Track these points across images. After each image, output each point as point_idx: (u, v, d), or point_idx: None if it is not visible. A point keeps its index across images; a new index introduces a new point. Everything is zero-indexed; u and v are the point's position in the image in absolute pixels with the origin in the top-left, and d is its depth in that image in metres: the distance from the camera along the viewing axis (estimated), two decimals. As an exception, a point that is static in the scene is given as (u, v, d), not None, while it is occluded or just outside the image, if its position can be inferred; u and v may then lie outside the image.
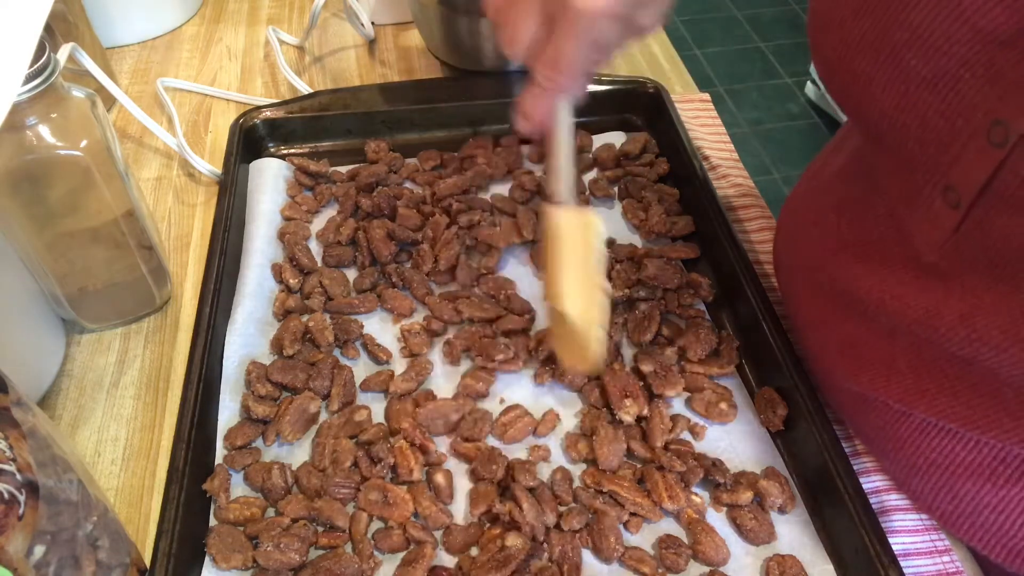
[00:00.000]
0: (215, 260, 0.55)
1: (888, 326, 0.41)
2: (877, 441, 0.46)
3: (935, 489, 0.43)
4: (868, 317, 0.42)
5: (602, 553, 0.43)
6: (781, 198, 2.11)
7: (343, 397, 0.49)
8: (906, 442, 0.43)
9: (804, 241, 0.50)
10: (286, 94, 0.76)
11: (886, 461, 0.46)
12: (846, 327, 0.45)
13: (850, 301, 0.44)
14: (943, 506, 0.43)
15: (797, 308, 0.50)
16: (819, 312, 0.47)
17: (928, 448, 0.42)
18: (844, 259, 0.44)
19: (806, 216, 0.50)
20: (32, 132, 0.45)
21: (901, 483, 0.45)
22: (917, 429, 0.42)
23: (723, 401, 0.49)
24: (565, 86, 0.42)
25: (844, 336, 0.45)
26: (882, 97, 0.36)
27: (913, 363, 0.40)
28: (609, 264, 0.57)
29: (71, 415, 0.51)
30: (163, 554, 0.40)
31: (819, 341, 0.48)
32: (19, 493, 0.29)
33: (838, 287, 0.45)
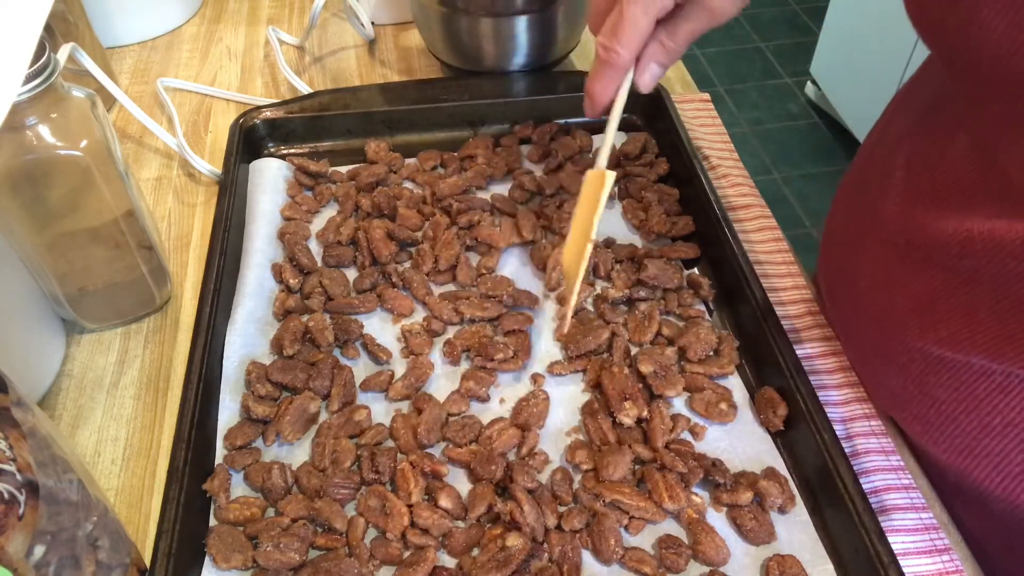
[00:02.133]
0: (215, 260, 0.55)
1: (969, 272, 0.41)
2: (946, 404, 0.45)
3: (1007, 450, 0.42)
4: (946, 266, 0.42)
5: (602, 555, 0.43)
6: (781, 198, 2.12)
7: (343, 397, 0.49)
8: (983, 401, 0.43)
9: (868, 206, 0.49)
10: (286, 94, 0.76)
11: (952, 425, 0.45)
12: (919, 282, 0.44)
13: (926, 253, 0.43)
14: (1012, 468, 0.42)
15: (857, 275, 0.50)
16: (887, 272, 0.47)
17: (1006, 407, 0.42)
18: (919, 210, 0.44)
19: (870, 180, 0.50)
20: (32, 132, 0.45)
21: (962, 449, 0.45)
22: (997, 388, 0.42)
23: (723, 401, 0.49)
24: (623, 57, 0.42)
25: (918, 292, 0.44)
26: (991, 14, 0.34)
27: (995, 309, 0.40)
28: (609, 264, 0.57)
29: (71, 415, 0.51)
30: (163, 554, 0.40)
31: (886, 303, 0.47)
32: (19, 493, 0.29)
33: (914, 240, 0.44)
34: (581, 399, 0.50)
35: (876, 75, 1.86)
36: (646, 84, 0.46)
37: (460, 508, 0.45)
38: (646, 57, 0.46)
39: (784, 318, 0.54)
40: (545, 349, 0.53)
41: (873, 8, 1.84)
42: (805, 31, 2.51)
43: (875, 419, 0.50)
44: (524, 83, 0.71)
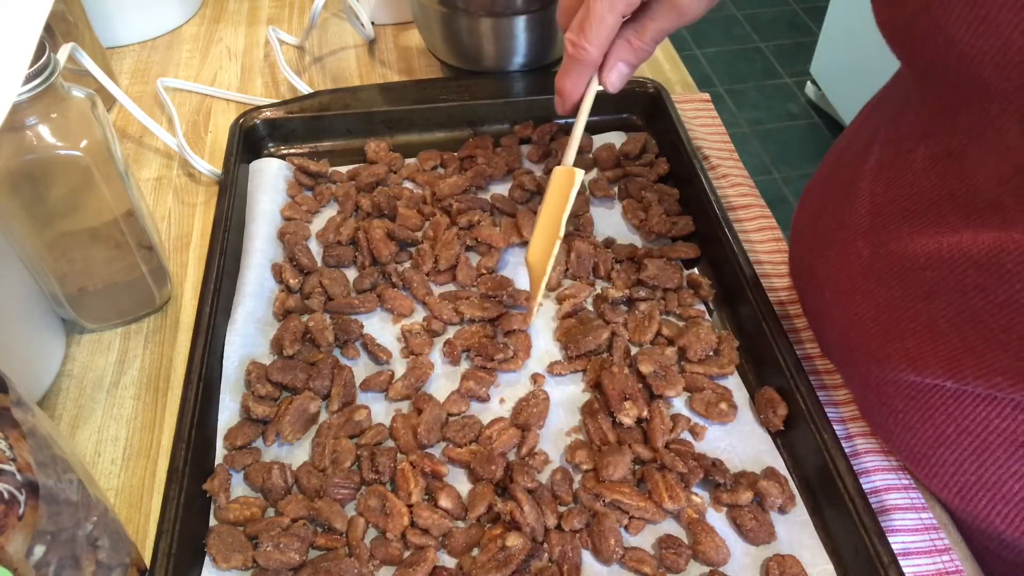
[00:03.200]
0: (215, 260, 0.55)
1: (931, 284, 0.40)
2: (903, 414, 0.45)
3: (961, 459, 0.42)
4: (909, 278, 0.42)
5: (602, 555, 0.43)
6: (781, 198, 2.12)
7: (343, 397, 0.49)
8: (937, 410, 0.43)
9: (834, 213, 0.49)
10: (286, 94, 0.76)
11: (909, 435, 0.45)
12: (881, 293, 0.44)
13: (891, 264, 0.43)
14: (966, 477, 0.43)
15: (823, 284, 0.50)
16: (851, 282, 0.47)
17: (960, 416, 0.42)
18: (886, 224, 0.44)
19: (837, 187, 0.50)
20: (32, 132, 0.45)
21: (920, 459, 0.45)
22: (951, 396, 0.42)
23: (723, 401, 0.49)
24: (591, 53, 0.42)
25: (879, 303, 0.44)
26: (956, 23, 0.34)
27: (955, 322, 0.40)
28: (609, 264, 0.57)
29: (71, 415, 0.51)
30: (163, 554, 0.40)
31: (849, 314, 0.47)
32: (19, 493, 0.29)
33: (880, 250, 0.44)
34: (581, 399, 0.50)
35: (876, 75, 1.86)
36: (613, 83, 0.46)
37: (460, 508, 0.45)
38: (613, 56, 0.46)
39: (784, 318, 0.54)
40: (545, 349, 0.53)
41: (873, 8, 1.83)
42: (805, 31, 2.51)
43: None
44: (524, 83, 0.71)
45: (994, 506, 0.42)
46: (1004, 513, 0.41)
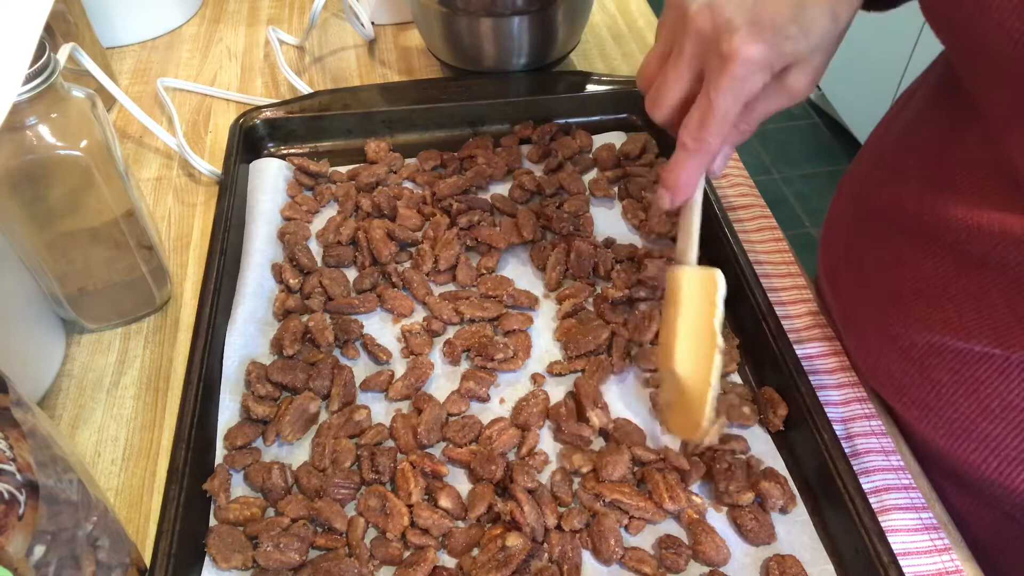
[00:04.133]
0: (215, 260, 0.55)
1: (978, 256, 0.41)
2: (946, 388, 0.45)
3: (1005, 433, 0.43)
4: (956, 250, 0.42)
5: (601, 555, 0.43)
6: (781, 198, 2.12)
7: (343, 397, 0.49)
8: (982, 384, 0.43)
9: (877, 190, 0.50)
10: (286, 94, 0.76)
11: (951, 409, 0.45)
12: (928, 264, 0.44)
13: (936, 236, 0.43)
14: (1009, 450, 0.43)
15: (864, 253, 0.50)
16: (896, 253, 0.47)
17: (1006, 389, 0.42)
18: (929, 194, 0.44)
19: (879, 165, 0.50)
20: (32, 132, 0.45)
21: (959, 432, 0.45)
22: (996, 370, 0.42)
23: (746, 405, 0.49)
24: (712, 146, 0.41)
25: (926, 274, 0.44)
26: (1001, 13, 0.34)
27: (1007, 293, 0.40)
28: (609, 264, 0.57)
29: (71, 415, 0.51)
30: (163, 554, 0.40)
31: (893, 284, 0.47)
32: (19, 493, 0.29)
33: (925, 223, 0.44)
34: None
35: (876, 75, 1.86)
36: (720, 168, 0.45)
37: (460, 508, 0.44)
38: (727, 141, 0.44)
39: (784, 318, 0.54)
40: (545, 349, 0.53)
41: (873, 8, 1.83)
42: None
43: (875, 419, 0.50)
44: (524, 83, 0.71)
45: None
46: None
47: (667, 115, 0.43)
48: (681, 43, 0.40)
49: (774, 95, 0.40)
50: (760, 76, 0.38)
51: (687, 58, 0.40)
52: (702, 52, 0.39)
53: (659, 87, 0.42)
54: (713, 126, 0.40)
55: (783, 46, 0.37)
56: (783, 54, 0.38)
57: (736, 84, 0.38)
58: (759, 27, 0.37)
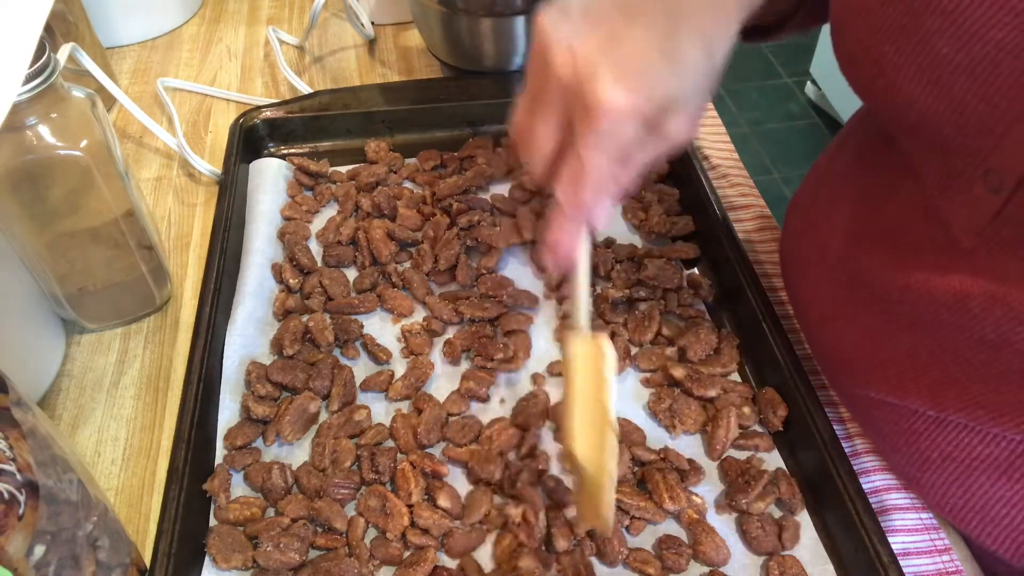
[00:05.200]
0: (215, 260, 0.55)
1: (909, 316, 0.40)
2: (888, 436, 0.45)
3: (947, 483, 0.42)
4: (888, 308, 0.41)
5: (607, 557, 0.42)
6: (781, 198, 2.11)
7: (343, 397, 0.49)
8: (921, 435, 0.42)
9: (816, 236, 0.49)
10: (286, 94, 0.76)
11: (896, 456, 0.45)
12: (863, 320, 0.43)
13: (869, 293, 0.43)
14: (953, 500, 0.42)
15: (809, 305, 0.49)
16: (834, 307, 0.46)
17: (944, 441, 0.41)
18: (862, 250, 0.43)
19: (818, 211, 0.49)
20: (32, 132, 0.45)
21: (910, 479, 0.45)
22: (933, 422, 0.42)
23: (746, 405, 0.49)
24: (588, 206, 0.37)
25: (862, 330, 0.44)
26: (912, 86, 0.34)
27: (936, 354, 0.39)
28: (609, 264, 0.57)
29: (71, 415, 0.51)
30: (163, 554, 0.40)
31: (834, 337, 0.47)
32: (19, 493, 0.29)
33: (857, 279, 0.44)
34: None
35: (876, 75, 1.86)
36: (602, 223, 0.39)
37: (459, 508, 0.44)
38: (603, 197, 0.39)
39: (784, 318, 0.53)
40: (545, 349, 0.53)
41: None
42: (805, 31, 2.51)
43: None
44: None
45: (983, 527, 0.42)
46: (994, 535, 0.41)
47: (543, 172, 0.38)
48: (545, 92, 0.36)
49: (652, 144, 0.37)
50: (630, 126, 0.34)
51: (552, 109, 0.36)
52: (567, 102, 0.35)
53: (529, 142, 0.38)
54: (586, 185, 0.36)
55: (654, 90, 0.34)
56: (654, 98, 0.34)
57: (604, 139, 0.34)
58: (624, 72, 0.33)
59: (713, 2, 0.34)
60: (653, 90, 0.34)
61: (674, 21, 0.34)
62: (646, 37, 0.33)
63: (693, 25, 0.34)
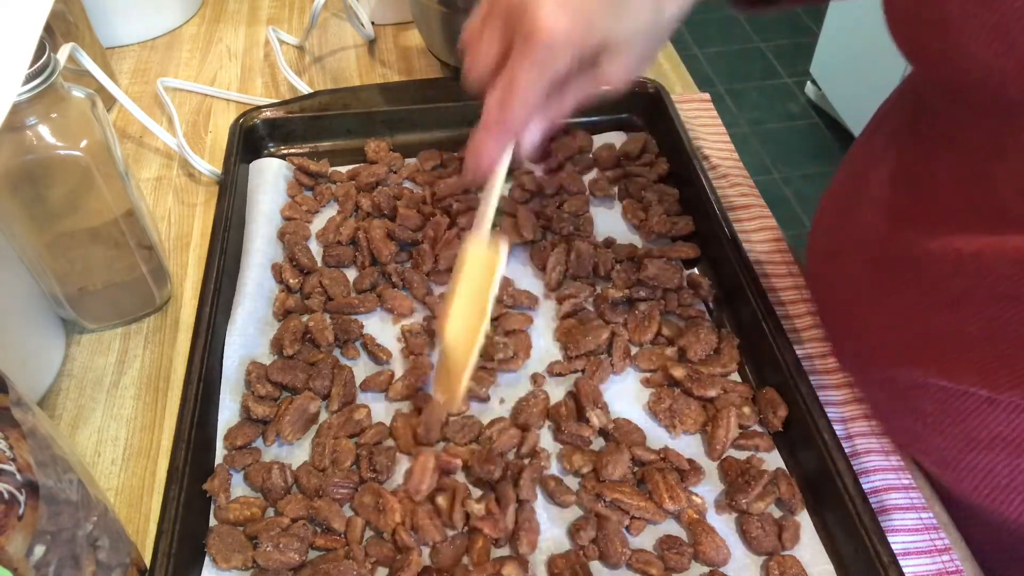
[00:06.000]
0: (215, 260, 0.55)
1: (959, 292, 0.40)
2: (931, 418, 0.44)
3: (992, 464, 0.42)
4: (935, 287, 0.41)
5: (609, 559, 0.42)
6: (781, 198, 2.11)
7: (343, 397, 0.49)
8: (969, 416, 0.42)
9: (854, 221, 0.48)
10: (286, 94, 0.76)
11: (938, 438, 0.45)
12: (908, 299, 0.43)
13: (915, 270, 0.42)
14: (996, 481, 0.42)
15: (844, 291, 0.49)
16: (874, 290, 0.46)
17: (994, 422, 0.41)
18: (905, 229, 0.43)
19: (854, 197, 0.49)
20: (32, 132, 0.45)
21: (947, 462, 0.45)
22: (985, 403, 0.41)
23: (746, 405, 0.49)
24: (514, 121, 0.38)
25: (906, 310, 0.43)
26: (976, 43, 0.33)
27: (986, 330, 0.39)
28: (609, 264, 0.57)
29: (71, 415, 0.51)
30: (163, 554, 0.40)
31: (870, 321, 0.46)
32: (19, 493, 0.29)
33: (901, 258, 0.43)
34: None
35: (876, 75, 1.86)
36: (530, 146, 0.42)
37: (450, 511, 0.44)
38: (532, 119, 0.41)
39: (784, 318, 0.54)
40: (545, 349, 0.53)
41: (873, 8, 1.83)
42: (805, 31, 2.51)
43: (874, 419, 0.50)
44: None
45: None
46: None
47: (478, 82, 0.40)
48: (496, 7, 0.38)
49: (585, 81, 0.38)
50: (565, 56, 0.36)
51: (499, 24, 0.38)
52: (512, 21, 0.37)
53: (474, 50, 0.40)
54: (514, 103, 0.37)
55: (593, 24, 0.35)
56: (592, 34, 0.35)
57: (539, 62, 0.35)
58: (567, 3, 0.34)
59: None
60: (592, 26, 0.35)
61: None
62: None
63: None
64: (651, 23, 0.36)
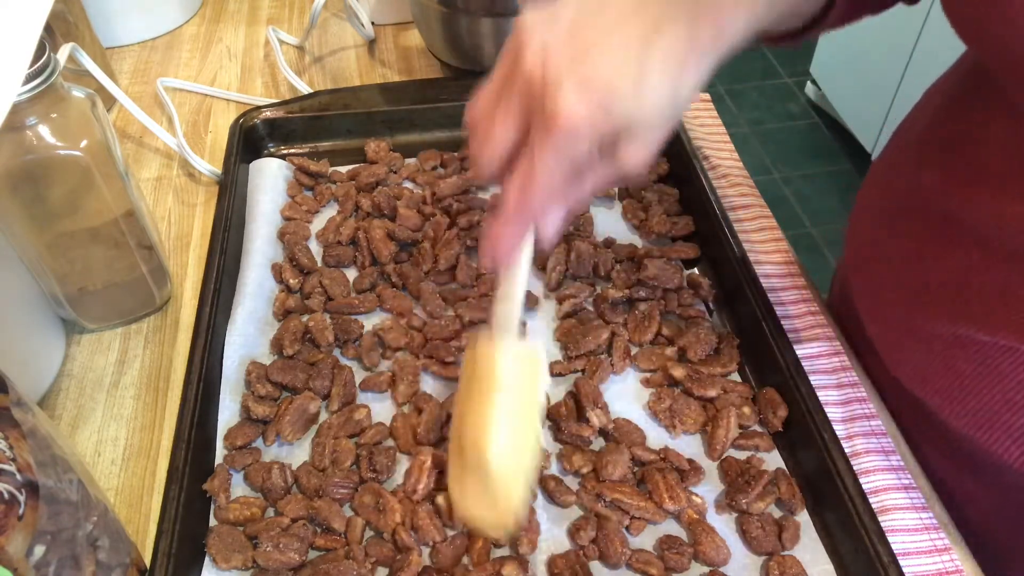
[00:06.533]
0: (215, 260, 0.55)
1: (1008, 247, 0.40)
2: (968, 377, 0.45)
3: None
4: (982, 244, 0.42)
5: (609, 559, 0.42)
6: (781, 198, 2.11)
7: (343, 397, 0.49)
8: (1007, 376, 0.43)
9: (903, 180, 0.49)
10: (286, 94, 0.76)
11: (973, 399, 0.45)
12: (954, 257, 0.44)
13: (962, 229, 0.43)
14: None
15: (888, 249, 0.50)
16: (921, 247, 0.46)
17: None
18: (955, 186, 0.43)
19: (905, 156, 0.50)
20: (32, 132, 0.45)
21: (983, 422, 0.45)
22: (1022, 363, 0.42)
23: (746, 405, 0.49)
24: (535, 212, 0.36)
25: (952, 267, 0.44)
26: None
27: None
28: (609, 264, 0.57)
29: (71, 415, 0.51)
30: (163, 554, 0.40)
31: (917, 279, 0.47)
32: (19, 493, 0.29)
33: (950, 215, 0.44)
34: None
35: (876, 75, 1.86)
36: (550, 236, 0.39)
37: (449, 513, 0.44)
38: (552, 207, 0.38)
39: (784, 318, 0.53)
40: (545, 349, 0.53)
41: (873, 8, 1.83)
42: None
43: (875, 419, 0.50)
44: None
45: None
46: None
47: (491, 169, 0.38)
48: (511, 88, 0.36)
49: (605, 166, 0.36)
50: (585, 140, 0.34)
51: (514, 107, 0.36)
52: (529, 104, 0.35)
53: (484, 136, 0.38)
54: (535, 192, 0.35)
55: (613, 110, 0.33)
56: (612, 119, 0.34)
57: (559, 149, 0.34)
58: (589, 86, 0.33)
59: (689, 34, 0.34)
60: (612, 110, 0.33)
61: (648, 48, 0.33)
62: (618, 58, 0.33)
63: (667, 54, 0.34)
64: (670, 102, 0.35)
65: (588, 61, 0.33)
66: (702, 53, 0.34)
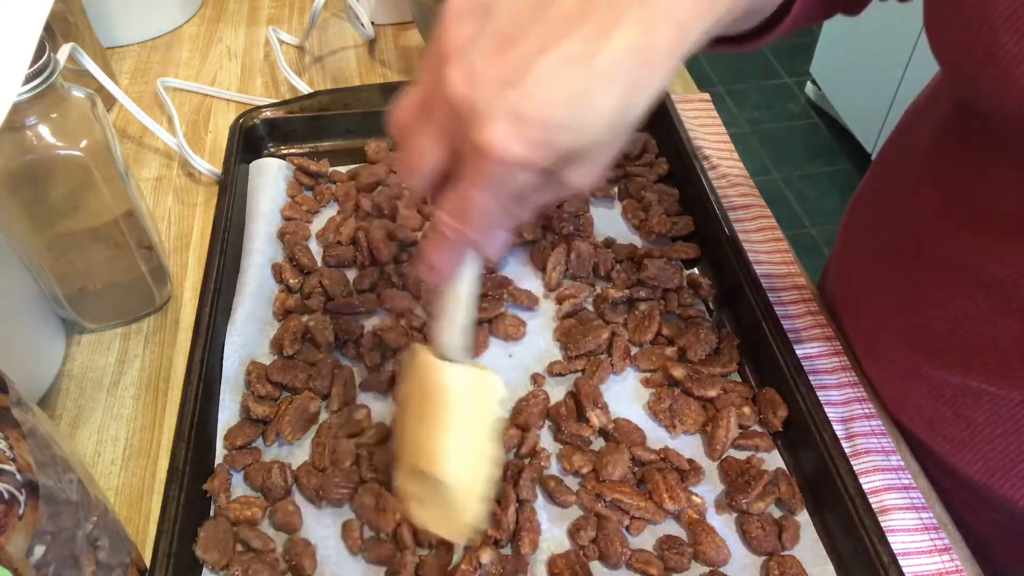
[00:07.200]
0: (215, 260, 0.55)
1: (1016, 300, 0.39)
2: (981, 427, 0.44)
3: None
4: (990, 293, 0.40)
5: (609, 559, 0.42)
6: (781, 198, 2.11)
7: (343, 397, 0.49)
8: (1022, 427, 0.41)
9: (892, 220, 0.47)
10: (286, 94, 0.76)
11: (988, 448, 0.44)
12: (960, 305, 0.42)
13: (969, 275, 0.41)
14: None
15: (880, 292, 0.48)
16: (920, 292, 0.45)
17: None
18: (957, 229, 0.42)
19: (892, 199, 0.48)
20: (32, 132, 0.45)
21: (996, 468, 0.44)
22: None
23: (746, 405, 0.49)
24: (472, 240, 0.33)
25: (958, 315, 0.42)
26: None
27: None
28: (609, 264, 0.57)
29: (71, 415, 0.51)
30: (163, 554, 0.40)
31: (919, 325, 0.45)
32: (19, 493, 0.29)
33: (953, 261, 0.42)
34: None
35: (876, 75, 1.87)
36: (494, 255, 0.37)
37: None
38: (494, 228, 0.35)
39: (784, 318, 0.53)
40: (545, 349, 0.53)
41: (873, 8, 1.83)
42: (805, 31, 2.52)
43: (875, 419, 0.50)
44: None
45: None
46: None
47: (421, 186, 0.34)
48: (434, 103, 0.31)
49: (548, 189, 0.33)
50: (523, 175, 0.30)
51: (439, 128, 0.31)
52: (455, 128, 0.30)
53: (409, 150, 0.33)
54: (471, 220, 0.32)
55: (554, 142, 0.29)
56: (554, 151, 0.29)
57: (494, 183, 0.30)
58: (524, 120, 0.28)
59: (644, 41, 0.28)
60: (553, 143, 0.29)
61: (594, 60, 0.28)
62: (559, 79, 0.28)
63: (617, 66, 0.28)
64: (621, 121, 0.30)
65: (522, 86, 0.28)
66: (658, 62, 0.29)
